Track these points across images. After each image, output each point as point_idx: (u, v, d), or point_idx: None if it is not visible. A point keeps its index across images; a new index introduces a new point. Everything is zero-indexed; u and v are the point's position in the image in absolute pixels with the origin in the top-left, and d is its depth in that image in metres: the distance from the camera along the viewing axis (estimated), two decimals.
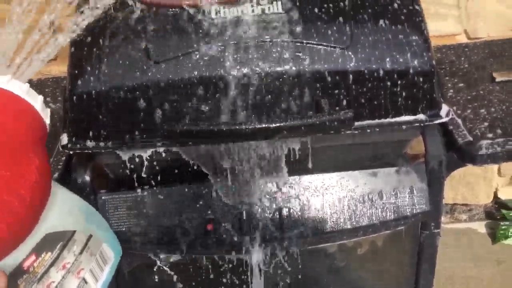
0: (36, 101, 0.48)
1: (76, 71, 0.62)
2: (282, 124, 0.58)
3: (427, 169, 0.73)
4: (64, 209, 0.52)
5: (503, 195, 1.36)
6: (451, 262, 1.32)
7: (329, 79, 0.61)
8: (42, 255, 0.49)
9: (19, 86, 0.48)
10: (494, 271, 1.31)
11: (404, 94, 0.63)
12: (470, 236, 1.40)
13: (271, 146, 0.65)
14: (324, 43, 0.61)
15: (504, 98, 0.76)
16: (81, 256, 0.54)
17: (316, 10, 0.62)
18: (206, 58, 0.60)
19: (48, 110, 0.50)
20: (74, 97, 0.61)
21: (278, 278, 0.78)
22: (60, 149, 0.65)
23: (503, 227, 1.35)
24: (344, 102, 0.62)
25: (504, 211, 1.35)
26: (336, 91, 0.61)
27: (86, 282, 0.55)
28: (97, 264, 0.56)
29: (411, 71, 0.62)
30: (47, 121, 0.50)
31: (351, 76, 0.61)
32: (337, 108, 0.62)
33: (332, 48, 0.61)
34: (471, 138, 0.69)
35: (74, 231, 0.53)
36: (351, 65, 0.61)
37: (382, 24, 0.63)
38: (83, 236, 0.54)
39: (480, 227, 1.41)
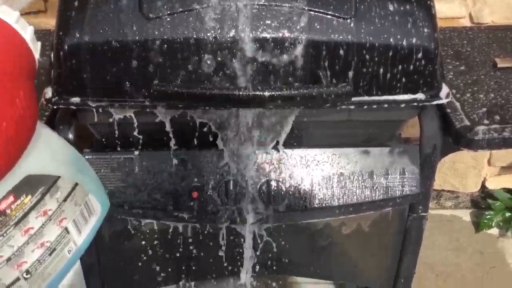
0: (26, 31, 0.45)
1: (65, 23, 0.59)
2: (277, 93, 0.55)
3: (421, 151, 0.72)
4: (49, 152, 0.49)
5: (491, 185, 1.36)
6: (433, 249, 1.33)
7: (329, 50, 0.58)
8: (22, 198, 0.46)
9: (9, 12, 0.44)
10: (475, 260, 1.32)
11: (405, 71, 0.61)
12: (454, 224, 1.41)
13: (265, 115, 0.63)
14: (328, 12, 0.58)
15: (505, 84, 0.75)
16: (65, 204, 0.51)
17: None
18: (202, 18, 0.57)
19: (39, 43, 0.47)
20: (61, 50, 0.59)
21: (259, 251, 0.77)
22: (44, 103, 0.62)
23: (488, 217, 1.35)
24: (343, 76, 0.60)
25: (490, 201, 1.36)
26: (336, 63, 0.59)
27: (68, 232, 0.53)
28: (81, 215, 0.54)
29: (414, 48, 0.60)
30: (37, 55, 0.47)
31: (352, 48, 0.59)
32: (335, 81, 0.60)
33: (335, 18, 0.58)
34: (468, 123, 0.68)
35: (59, 177, 0.50)
36: (353, 37, 0.59)
37: None
38: (68, 183, 0.52)
39: (465, 215, 1.42)
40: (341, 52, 0.59)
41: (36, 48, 0.46)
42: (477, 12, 1.07)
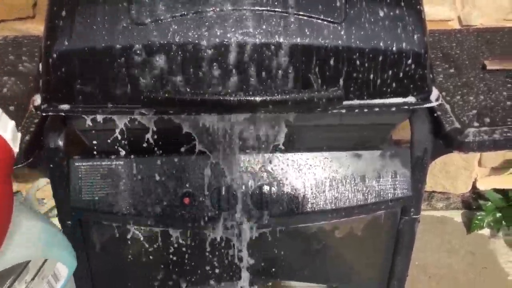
0: (6, 129, 0.43)
1: (53, 30, 0.59)
2: (268, 98, 0.55)
3: (412, 154, 0.72)
4: (22, 243, 0.48)
5: (481, 186, 1.36)
6: (425, 250, 1.33)
7: (320, 54, 0.58)
8: None
9: None
10: (466, 261, 1.32)
11: (395, 75, 0.61)
12: (446, 225, 1.41)
13: (256, 121, 0.63)
14: (318, 17, 0.58)
15: (494, 87, 0.75)
16: (33, 282, 0.52)
17: None
18: (192, 24, 0.57)
19: (19, 135, 0.45)
20: (50, 57, 0.58)
21: (253, 257, 0.77)
22: (33, 110, 0.62)
23: (479, 217, 1.36)
24: (334, 80, 0.60)
25: (481, 202, 1.36)
26: (327, 68, 0.59)
27: None
28: (48, 284, 0.54)
29: (404, 52, 0.60)
30: (16, 149, 0.45)
31: (343, 53, 0.59)
32: (326, 85, 0.60)
33: (325, 23, 0.58)
34: (458, 125, 0.68)
35: (29, 261, 0.50)
36: (344, 41, 0.58)
37: (378, 2, 0.60)
38: (38, 262, 0.52)
39: (456, 216, 1.42)
40: (332, 56, 0.58)
41: (16, 144, 0.44)
42: (466, 15, 1.07)
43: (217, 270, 0.78)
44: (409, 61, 0.60)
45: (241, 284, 0.79)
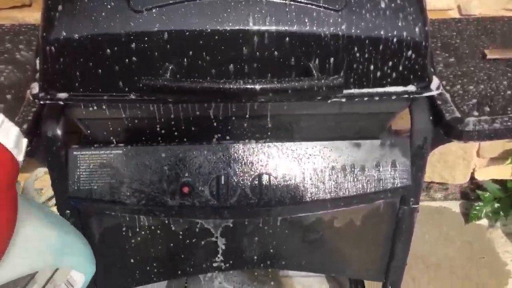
0: (8, 136, 0.42)
1: (50, 17, 0.58)
2: (268, 86, 0.55)
3: (411, 143, 0.72)
4: (26, 253, 0.46)
5: (480, 176, 1.37)
6: (423, 240, 1.33)
7: (320, 42, 0.58)
8: None
9: None
10: (464, 251, 1.33)
11: (396, 64, 0.60)
12: (444, 215, 1.41)
13: (255, 109, 0.63)
14: (318, 4, 0.58)
15: (494, 76, 0.75)
16: None
17: None
18: (190, 11, 0.56)
19: (24, 141, 0.43)
20: (47, 45, 0.57)
21: (252, 246, 0.77)
22: (31, 98, 0.61)
23: (477, 208, 1.36)
24: (335, 68, 0.59)
25: (479, 192, 1.37)
26: (327, 56, 0.59)
27: None
28: None
29: (405, 40, 0.59)
30: (20, 157, 0.43)
31: (343, 41, 0.58)
32: (326, 73, 0.59)
33: (325, 10, 0.58)
34: (458, 114, 0.68)
35: (36, 272, 0.48)
36: (344, 29, 0.58)
37: None
38: (47, 272, 0.50)
39: (455, 206, 1.43)
40: (332, 45, 0.58)
41: (20, 151, 0.42)
42: (465, 4, 1.07)
43: (215, 259, 0.78)
44: (410, 50, 0.60)
45: (240, 273, 0.79)
